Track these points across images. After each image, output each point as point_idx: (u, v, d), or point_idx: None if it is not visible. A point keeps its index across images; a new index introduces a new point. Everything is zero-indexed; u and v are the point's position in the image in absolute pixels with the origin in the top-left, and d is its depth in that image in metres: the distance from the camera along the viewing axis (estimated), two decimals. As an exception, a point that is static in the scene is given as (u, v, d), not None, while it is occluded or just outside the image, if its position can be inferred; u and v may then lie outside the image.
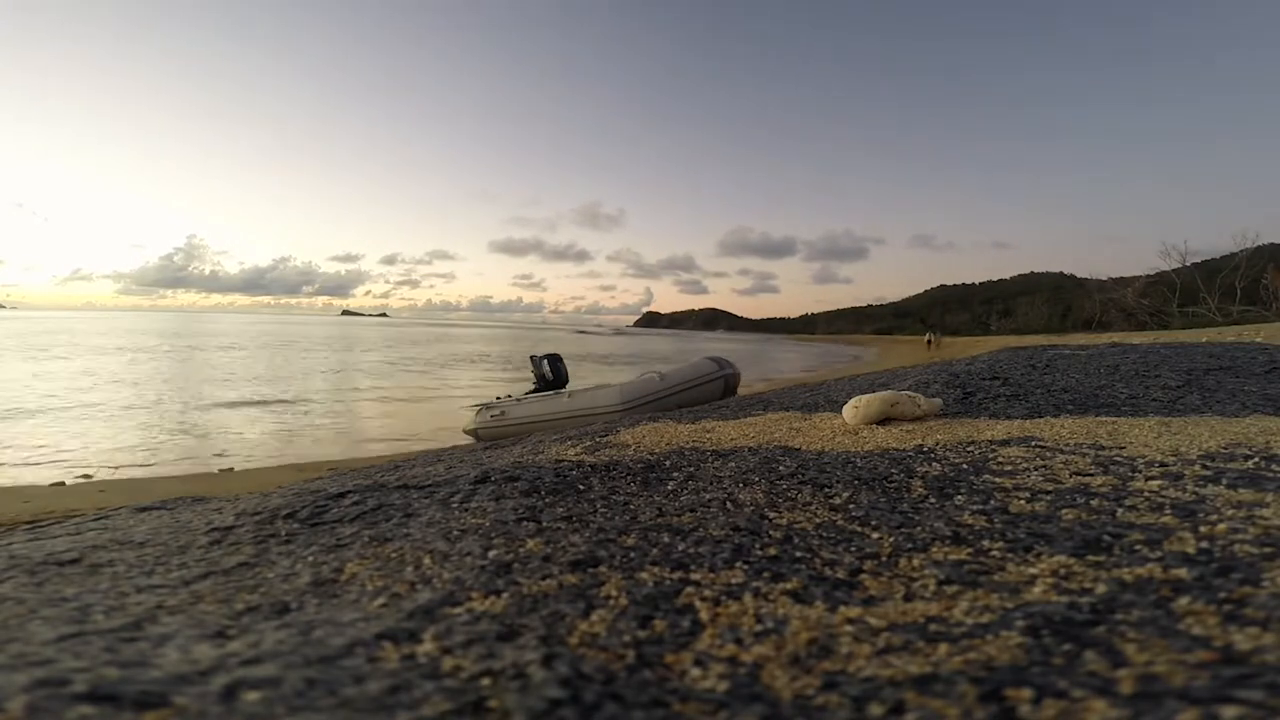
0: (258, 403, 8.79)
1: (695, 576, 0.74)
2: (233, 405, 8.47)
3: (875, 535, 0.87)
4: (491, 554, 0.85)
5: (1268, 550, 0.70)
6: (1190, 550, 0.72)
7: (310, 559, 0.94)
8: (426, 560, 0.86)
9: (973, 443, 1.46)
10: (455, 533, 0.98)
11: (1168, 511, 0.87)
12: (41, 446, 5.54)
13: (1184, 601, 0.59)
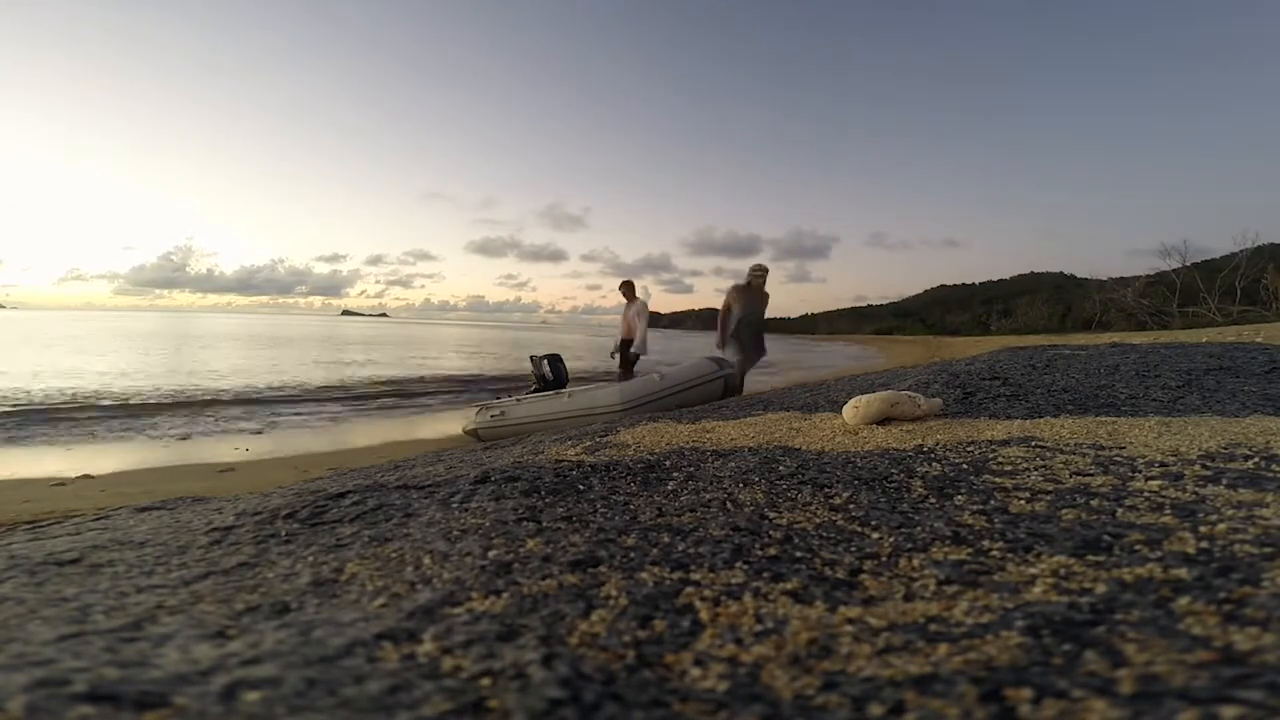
0: (260, 402, 8.79)
1: (695, 576, 0.74)
2: (235, 403, 8.47)
3: (875, 535, 0.87)
4: (491, 554, 0.85)
5: (1268, 550, 0.69)
6: (1190, 550, 0.72)
7: (310, 559, 0.94)
8: (426, 560, 0.86)
9: (973, 443, 1.46)
10: (455, 533, 0.98)
11: (1168, 511, 0.87)
12: (43, 445, 5.55)
13: (1184, 601, 0.59)
